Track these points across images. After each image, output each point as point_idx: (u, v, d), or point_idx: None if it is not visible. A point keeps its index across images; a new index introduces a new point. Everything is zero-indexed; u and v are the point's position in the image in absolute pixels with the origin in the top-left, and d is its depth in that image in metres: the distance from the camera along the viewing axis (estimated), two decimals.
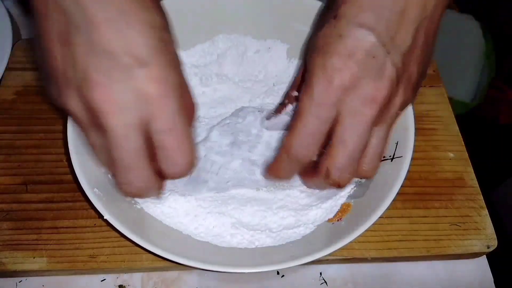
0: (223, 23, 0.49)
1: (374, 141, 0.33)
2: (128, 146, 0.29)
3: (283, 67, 0.49)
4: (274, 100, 0.47)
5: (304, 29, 0.48)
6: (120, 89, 0.27)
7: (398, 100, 0.32)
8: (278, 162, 0.35)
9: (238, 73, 0.49)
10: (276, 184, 0.42)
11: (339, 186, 0.34)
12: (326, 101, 0.31)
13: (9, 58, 0.50)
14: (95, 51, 0.27)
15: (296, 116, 0.32)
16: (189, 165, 0.31)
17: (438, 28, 0.33)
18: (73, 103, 0.29)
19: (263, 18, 0.48)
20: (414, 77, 0.33)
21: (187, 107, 0.32)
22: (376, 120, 0.31)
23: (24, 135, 0.46)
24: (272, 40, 0.49)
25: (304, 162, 0.33)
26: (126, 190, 0.32)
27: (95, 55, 0.27)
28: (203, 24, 0.48)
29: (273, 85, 0.49)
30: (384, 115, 0.32)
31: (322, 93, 0.31)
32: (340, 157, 0.32)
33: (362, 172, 0.34)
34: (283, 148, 0.34)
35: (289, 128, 0.33)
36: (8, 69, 0.50)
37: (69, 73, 0.28)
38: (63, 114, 0.32)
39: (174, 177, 0.32)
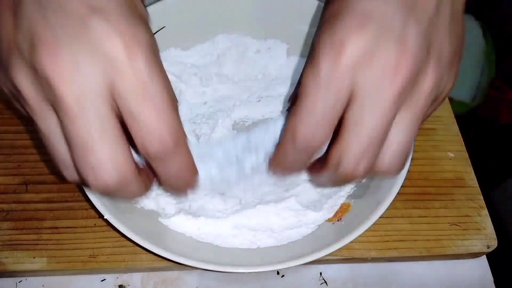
0: (223, 23, 0.49)
1: (398, 131, 0.27)
2: (89, 117, 0.23)
3: (282, 66, 0.49)
4: (271, 93, 0.48)
5: (304, 28, 0.48)
6: (74, 47, 0.22)
7: (428, 79, 0.26)
8: (283, 153, 0.29)
9: (238, 73, 0.49)
10: (279, 184, 0.41)
11: (352, 178, 0.27)
12: (336, 79, 0.24)
13: None
14: (45, 6, 0.22)
15: (300, 99, 0.26)
16: (174, 139, 0.25)
17: (465, 4, 0.28)
18: (20, 76, 0.23)
19: (263, 18, 0.48)
20: (445, 54, 0.26)
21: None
22: (400, 100, 0.25)
23: (24, 135, 0.46)
24: (272, 40, 0.49)
25: (313, 151, 0.27)
26: (94, 180, 0.24)
27: (44, 11, 0.22)
28: (203, 24, 0.48)
29: (271, 80, 0.49)
30: (410, 96, 0.26)
31: (330, 69, 0.24)
32: (354, 141, 0.26)
33: (383, 167, 0.28)
34: (288, 136, 0.27)
35: (293, 112, 0.27)
36: None
37: (18, 38, 0.23)
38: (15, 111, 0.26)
39: (155, 156, 0.25)
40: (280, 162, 0.30)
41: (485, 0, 1.11)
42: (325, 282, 0.41)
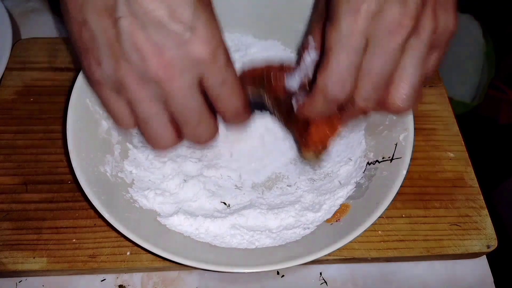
0: (224, 22, 0.48)
1: (403, 71, 0.32)
2: (195, 104, 0.32)
3: None
4: None
5: (303, 28, 0.48)
6: (175, 55, 0.30)
7: (428, 23, 0.31)
8: (313, 102, 0.34)
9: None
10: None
11: (365, 113, 0.34)
12: (355, 31, 0.30)
13: (9, 58, 0.50)
14: (142, 21, 0.29)
15: (326, 54, 0.32)
16: (244, 107, 0.35)
17: None
18: (129, 77, 0.30)
19: (263, 18, 0.48)
20: (440, 1, 0.32)
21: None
22: (404, 47, 0.31)
23: (24, 135, 0.46)
24: (272, 40, 0.50)
25: (341, 100, 0.33)
26: (198, 141, 0.35)
27: (143, 26, 0.29)
28: None
29: None
30: (414, 40, 0.31)
31: (349, 23, 0.30)
32: (365, 86, 0.32)
33: (392, 102, 0.33)
34: (318, 89, 0.33)
35: (320, 67, 0.32)
36: (8, 69, 0.50)
37: (123, 47, 0.29)
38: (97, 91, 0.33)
39: (231, 117, 0.36)
40: (309, 110, 0.36)
41: (485, 0, 1.11)
42: (325, 282, 0.41)
